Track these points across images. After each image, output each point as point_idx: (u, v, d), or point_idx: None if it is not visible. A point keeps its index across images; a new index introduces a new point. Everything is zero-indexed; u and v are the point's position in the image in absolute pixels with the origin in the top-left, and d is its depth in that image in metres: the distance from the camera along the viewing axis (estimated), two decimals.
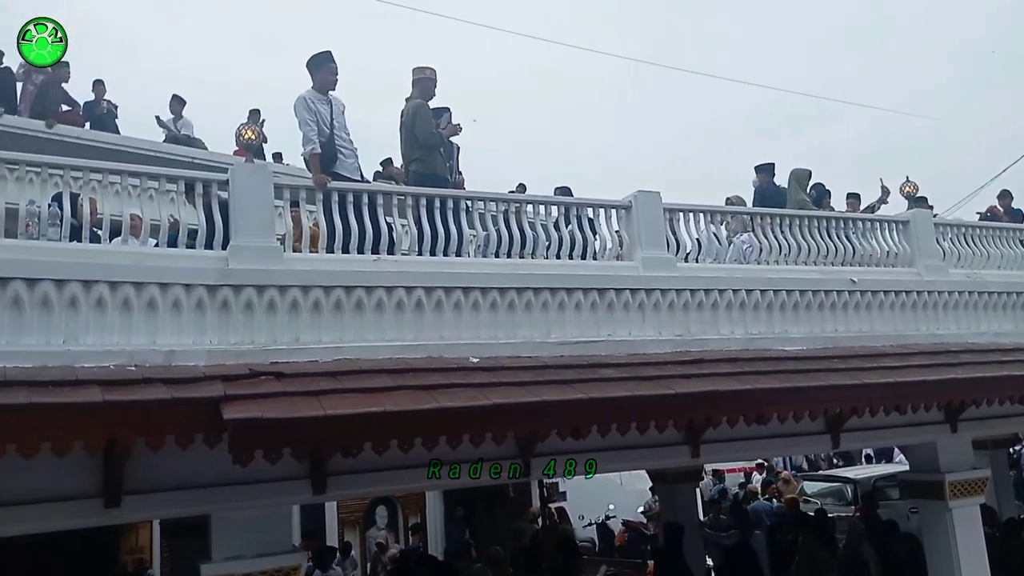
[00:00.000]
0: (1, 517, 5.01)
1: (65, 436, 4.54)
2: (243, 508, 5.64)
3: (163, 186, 6.09)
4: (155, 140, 11.81)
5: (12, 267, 5.14)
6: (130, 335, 5.39)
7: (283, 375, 5.41)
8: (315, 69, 6.99)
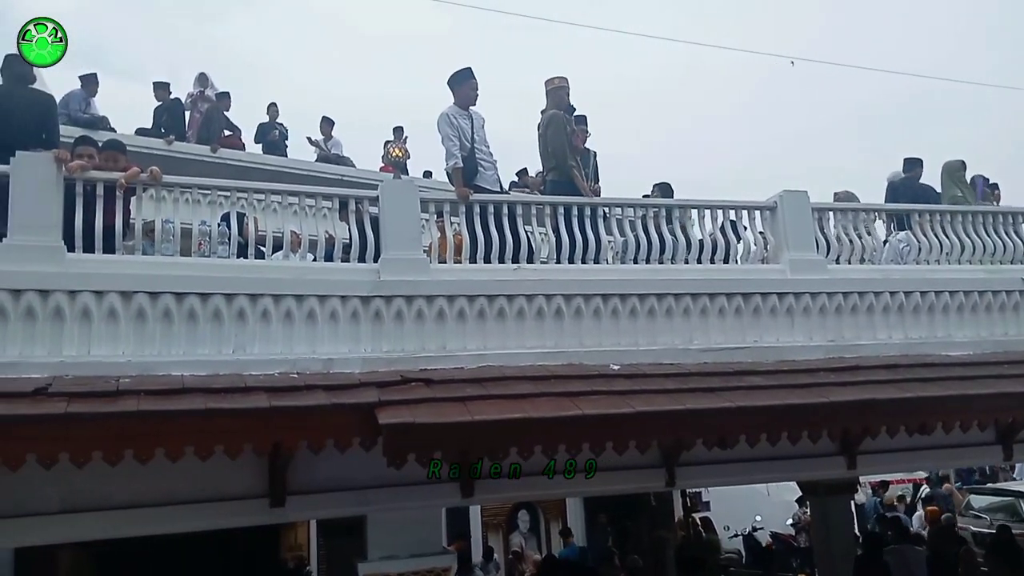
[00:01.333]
0: (179, 514, 5.45)
1: (236, 439, 4.89)
2: (396, 509, 5.88)
3: (319, 204, 6.45)
4: (307, 160, 12.53)
5: (188, 283, 5.58)
6: (292, 344, 5.74)
7: (432, 381, 5.60)
8: (456, 85, 7.22)
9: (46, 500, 5.10)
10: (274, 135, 12.50)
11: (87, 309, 5.26)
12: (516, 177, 13.66)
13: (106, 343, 5.28)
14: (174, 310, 5.48)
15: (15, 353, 5.06)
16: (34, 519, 5.16)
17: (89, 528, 5.40)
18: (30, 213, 5.30)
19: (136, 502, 5.28)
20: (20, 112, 6.27)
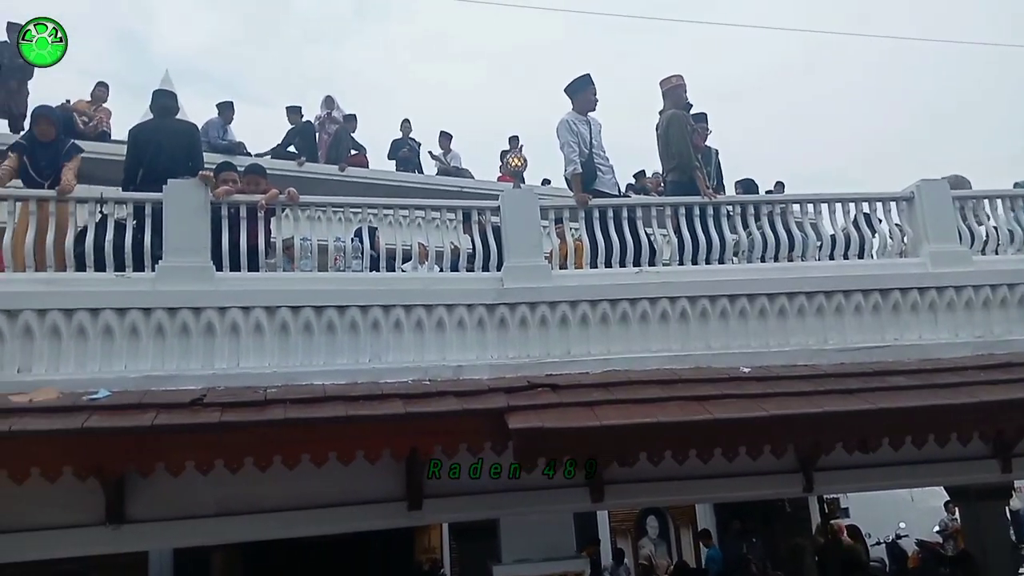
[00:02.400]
0: (322, 517, 5.72)
1: (376, 444, 5.10)
2: (528, 513, 5.96)
3: (443, 216, 6.64)
4: (429, 174, 12.88)
5: (326, 296, 5.86)
6: (423, 352, 5.92)
7: (558, 387, 5.65)
8: (575, 92, 7.27)
9: (203, 504, 5.46)
10: (405, 151, 12.93)
11: (235, 324, 5.61)
12: (633, 179, 13.56)
13: (253, 355, 5.61)
14: (314, 323, 5.77)
15: (172, 367, 5.45)
16: (192, 521, 5.54)
17: (241, 530, 5.75)
18: (182, 236, 5.70)
19: (284, 505, 5.58)
20: (168, 143, 6.75)
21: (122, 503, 5.30)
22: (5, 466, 4.51)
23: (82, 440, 4.56)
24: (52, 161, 6.09)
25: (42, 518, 5.15)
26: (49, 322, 5.27)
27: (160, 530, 5.51)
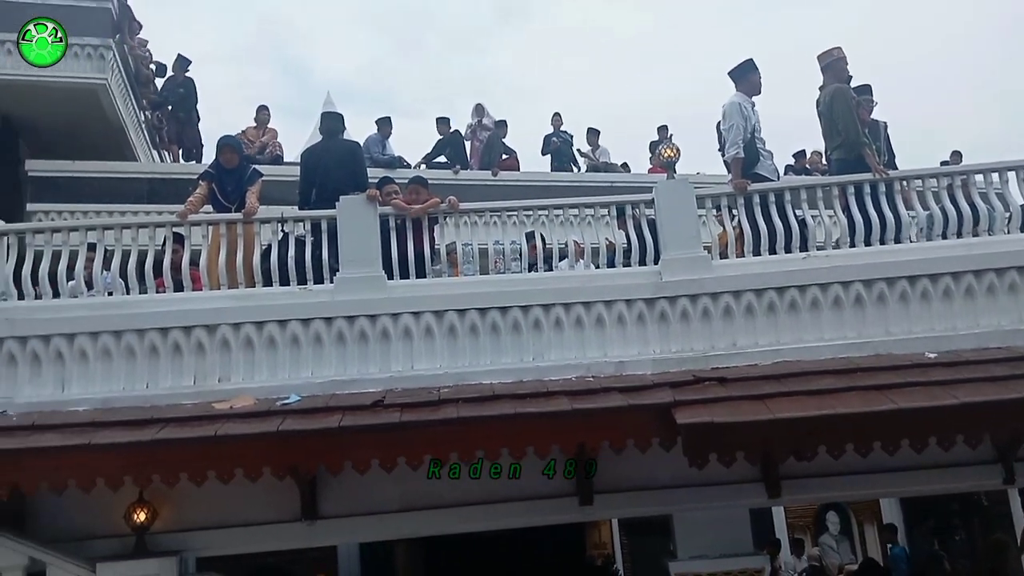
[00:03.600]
0: (498, 512, 5.90)
1: (545, 441, 5.20)
2: (700, 509, 5.87)
3: (597, 212, 6.66)
4: (579, 172, 12.95)
5: (489, 299, 6.03)
6: (585, 349, 5.97)
7: (726, 380, 5.53)
8: (740, 77, 7.14)
9: (387, 500, 5.78)
10: (555, 143, 13.10)
11: (408, 329, 5.89)
12: (793, 159, 13.01)
13: (426, 358, 5.87)
14: (479, 324, 5.96)
15: (354, 371, 5.80)
16: (378, 517, 5.88)
17: (423, 524, 6.04)
18: (355, 249, 6.06)
19: (461, 500, 5.81)
20: (336, 163, 7.19)
21: (315, 500, 5.70)
22: (214, 467, 4.96)
23: (278, 442, 4.96)
24: (237, 186, 6.65)
25: (246, 515, 5.63)
26: (243, 335, 5.75)
27: (349, 525, 5.89)
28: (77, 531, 5.45)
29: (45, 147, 10.51)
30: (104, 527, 5.41)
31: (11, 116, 10.34)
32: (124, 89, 10.85)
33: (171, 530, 5.50)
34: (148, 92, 12.13)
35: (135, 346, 5.63)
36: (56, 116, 10.26)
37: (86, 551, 5.29)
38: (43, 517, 5.48)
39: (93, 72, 9.87)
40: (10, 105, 10.14)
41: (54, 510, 5.43)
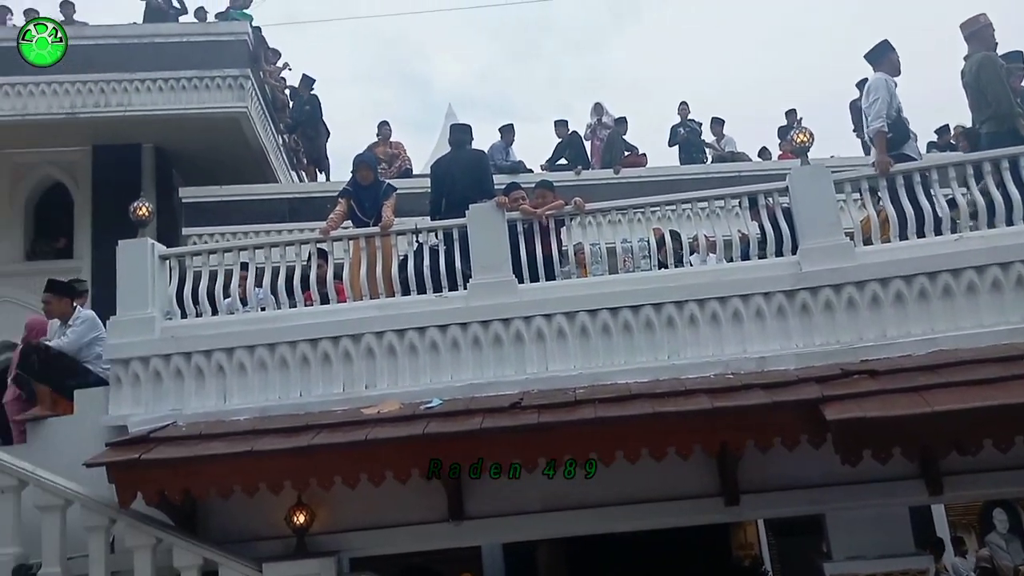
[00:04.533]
0: (640, 513, 5.84)
1: (686, 440, 5.12)
2: (855, 508, 5.62)
3: (727, 203, 6.50)
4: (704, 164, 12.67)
5: (619, 298, 5.99)
6: (723, 346, 5.84)
7: (877, 372, 5.27)
8: (878, 59, 6.91)
9: (530, 501, 5.85)
10: (682, 134, 12.90)
11: (541, 331, 5.95)
12: (936, 136, 12.25)
13: (559, 359, 5.91)
14: (611, 324, 5.94)
15: (491, 374, 5.91)
16: (521, 517, 5.95)
17: (564, 525, 6.06)
18: (486, 255, 6.17)
19: (602, 501, 5.80)
20: (464, 172, 7.37)
21: (461, 501, 5.84)
22: (365, 470, 5.18)
23: (425, 445, 5.12)
24: (373, 201, 6.93)
25: (396, 516, 5.83)
26: (386, 342, 5.98)
27: (493, 525, 5.99)
28: (243, 533, 5.80)
29: (195, 175, 11.30)
30: (267, 529, 5.74)
31: (164, 148, 11.19)
32: (263, 115, 11.51)
33: (328, 531, 5.76)
34: (284, 116, 12.83)
35: (288, 357, 5.96)
36: (203, 145, 11.01)
37: (252, 552, 5.62)
38: (212, 520, 5.88)
39: (234, 101, 10.53)
40: (163, 138, 10.98)
41: (222, 513, 5.82)
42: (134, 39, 10.75)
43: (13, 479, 5.37)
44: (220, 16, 11.99)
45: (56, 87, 10.29)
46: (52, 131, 10.55)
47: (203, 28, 11.26)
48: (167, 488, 5.21)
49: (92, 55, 10.48)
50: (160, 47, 10.67)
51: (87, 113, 10.30)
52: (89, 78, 10.31)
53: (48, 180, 11.23)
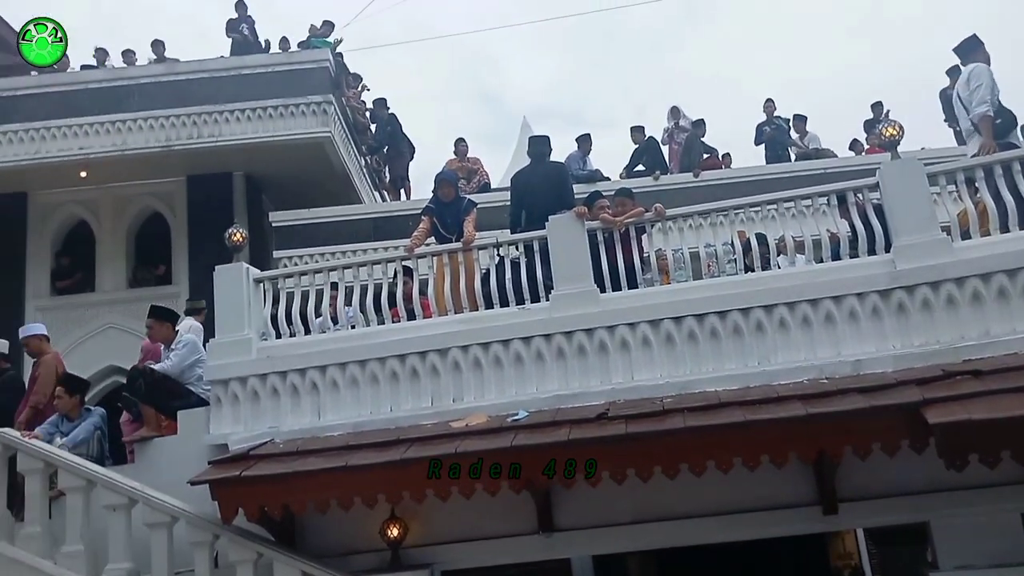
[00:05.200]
0: (733, 523, 5.73)
1: (780, 448, 5.00)
2: (962, 515, 5.36)
3: (815, 202, 6.33)
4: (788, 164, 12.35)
5: (705, 304, 5.89)
6: (815, 349, 5.68)
7: (981, 372, 5.03)
8: (967, 52, 6.79)
9: (620, 512, 5.80)
10: (768, 132, 12.64)
11: (625, 340, 5.91)
12: None
13: (645, 368, 5.86)
14: (697, 331, 5.85)
15: (576, 385, 5.90)
16: (611, 529, 5.90)
17: (655, 536, 5.99)
18: (567, 266, 6.18)
19: (695, 512, 5.70)
20: (543, 184, 7.38)
21: (550, 513, 5.84)
22: (455, 483, 5.24)
23: (513, 457, 5.15)
24: (455, 217, 7.03)
25: (487, 528, 5.88)
26: (471, 356, 6.05)
27: (583, 537, 5.97)
28: (339, 547, 5.94)
29: (283, 199, 11.72)
30: (362, 542, 5.87)
31: (253, 175, 11.66)
32: (345, 138, 11.86)
33: (421, 544, 5.86)
34: (366, 138, 13.17)
35: (378, 373, 6.09)
36: (290, 170, 11.43)
37: (348, 565, 5.74)
38: (310, 534, 6.04)
39: (318, 127, 10.90)
40: (252, 165, 11.45)
41: (319, 528, 5.98)
42: (222, 72, 11.25)
43: (124, 497, 5.65)
44: (302, 45, 12.41)
45: (152, 122, 10.87)
46: (149, 164, 11.14)
47: (286, 58, 11.67)
48: (267, 503, 5.40)
49: (184, 89, 11.05)
50: (247, 78, 11.12)
51: (181, 145, 10.84)
52: (182, 112, 10.85)
53: (147, 211, 11.85)
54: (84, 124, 10.84)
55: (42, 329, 7.47)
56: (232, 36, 12.63)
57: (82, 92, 11.06)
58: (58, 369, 7.01)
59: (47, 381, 6.75)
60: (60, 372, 6.98)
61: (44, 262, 11.56)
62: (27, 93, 11.03)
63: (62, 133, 10.84)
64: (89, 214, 11.75)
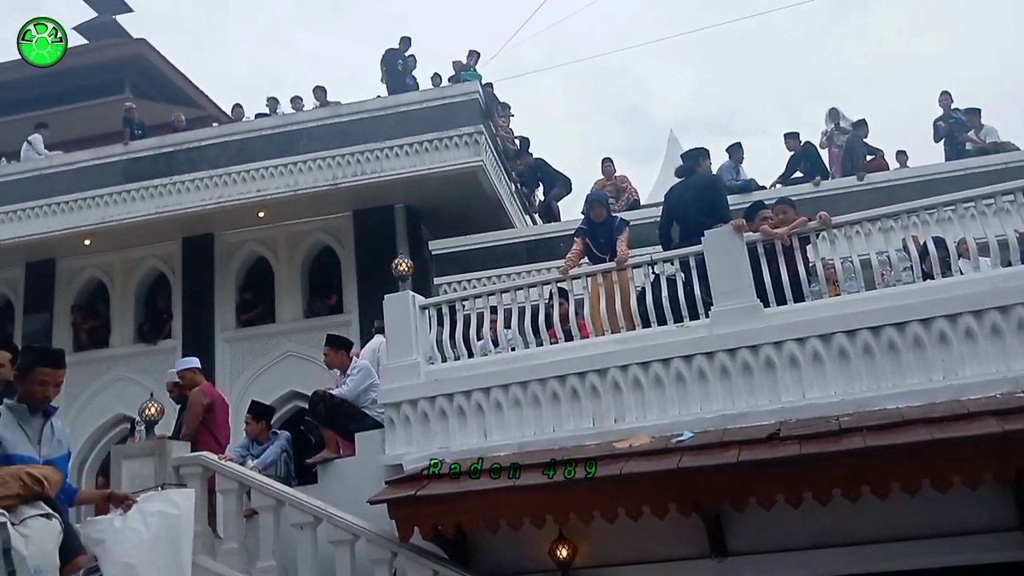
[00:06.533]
0: (921, 549, 5.32)
1: (974, 469, 4.65)
2: None
3: (999, 202, 5.87)
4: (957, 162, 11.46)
5: (879, 316, 5.58)
6: (1008, 361, 5.25)
7: None
8: None
9: (796, 536, 5.55)
10: (944, 127, 11.82)
11: (793, 356, 5.69)
12: None
13: (817, 385, 5.61)
14: (873, 344, 5.55)
15: (742, 404, 5.74)
16: (787, 554, 5.63)
17: (836, 562, 5.62)
18: (726, 281, 6.03)
19: (879, 537, 5.37)
20: (695, 198, 7.26)
21: (722, 537, 5.68)
22: (623, 505, 5.22)
23: (680, 479, 5.08)
24: (608, 237, 7.06)
25: (657, 551, 5.77)
26: (631, 376, 6.02)
27: (758, 562, 5.73)
28: (510, 566, 6.04)
29: (440, 227, 12.17)
30: (532, 562, 5.93)
31: (412, 206, 12.19)
32: (496, 165, 12.18)
33: (590, 565, 5.84)
34: (516, 164, 13.46)
35: (539, 394, 6.19)
36: (446, 199, 11.86)
37: None
38: (482, 553, 6.18)
39: (471, 156, 11.28)
40: (411, 197, 11.98)
41: (490, 546, 6.11)
42: (380, 111, 11.87)
43: (310, 516, 6.01)
44: (452, 79, 12.88)
45: (320, 162, 11.63)
46: (319, 201, 11.90)
47: (438, 93, 12.15)
48: (440, 522, 5.59)
49: (347, 130, 11.76)
50: (403, 115, 11.69)
51: (347, 182, 11.52)
52: (346, 151, 11.55)
53: (318, 245, 12.65)
54: (260, 168, 11.74)
55: (195, 363, 7.54)
56: (387, 69, 13.14)
57: (257, 139, 12.02)
58: (203, 401, 6.98)
59: (194, 414, 6.86)
60: (206, 403, 6.98)
61: (229, 297, 12.56)
62: (210, 143, 12.18)
63: (241, 177, 11.79)
64: (267, 251, 12.68)
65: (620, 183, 12.40)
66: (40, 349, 4.17)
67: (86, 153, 12.51)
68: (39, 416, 3.86)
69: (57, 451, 3.86)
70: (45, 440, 3.82)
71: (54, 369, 3.85)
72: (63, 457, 3.91)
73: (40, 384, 3.77)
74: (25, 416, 3.79)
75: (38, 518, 3.34)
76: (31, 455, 3.69)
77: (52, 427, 3.92)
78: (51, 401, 3.87)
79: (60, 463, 3.86)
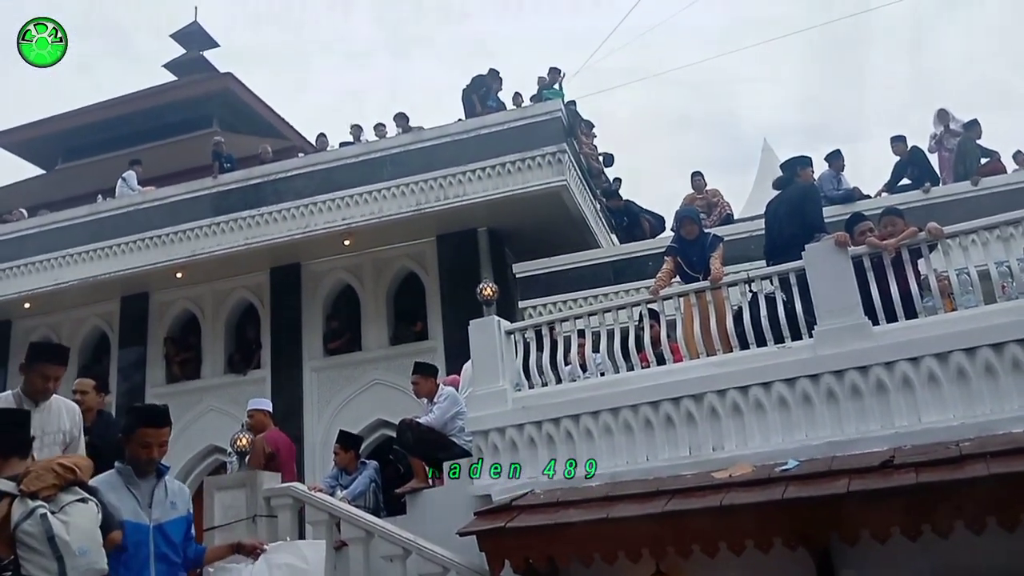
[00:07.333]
0: None
1: None
2: None
3: None
4: None
5: (1003, 332, 5.15)
6: None
7: None
8: None
9: (917, 572, 5.10)
10: None
11: (906, 378, 5.30)
12: None
13: (934, 408, 5.21)
14: (996, 363, 5.14)
15: (852, 430, 5.37)
16: None
17: None
18: (830, 298, 5.68)
19: (1008, 572, 4.88)
20: (788, 210, 6.92)
21: (831, 572, 5.28)
22: (724, 538, 4.91)
23: (785, 510, 4.74)
24: (700, 255, 6.77)
25: None
26: (729, 401, 5.72)
27: None
28: None
29: (524, 249, 12.04)
30: None
31: (495, 229, 12.10)
32: (580, 184, 11.99)
33: None
34: (600, 182, 13.23)
35: (631, 421, 5.95)
36: (530, 220, 11.71)
37: None
38: None
39: (554, 176, 11.09)
40: (494, 219, 11.89)
41: None
42: (462, 135, 11.85)
43: (399, 548, 5.91)
44: (534, 98, 12.79)
45: (403, 188, 11.68)
46: (403, 227, 11.95)
47: (520, 113, 12.04)
48: (531, 555, 5.40)
49: (429, 155, 11.77)
50: (485, 138, 11.64)
51: (431, 207, 11.51)
52: (429, 176, 11.56)
53: (403, 271, 12.70)
54: (345, 196, 11.86)
55: (267, 404, 7.45)
56: (465, 102, 13.15)
57: (341, 167, 12.17)
58: (265, 450, 6.76)
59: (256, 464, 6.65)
60: (268, 452, 6.76)
61: (317, 326, 12.71)
62: (296, 173, 12.37)
63: (327, 206, 11.94)
64: (353, 278, 12.80)
65: (711, 197, 12.01)
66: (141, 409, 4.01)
67: (177, 188, 12.91)
68: (151, 478, 3.72)
69: (171, 513, 3.71)
70: (157, 503, 3.68)
71: (156, 428, 3.70)
72: (180, 519, 3.76)
73: (143, 446, 3.66)
74: (133, 479, 3.67)
75: (76, 504, 3.31)
76: (140, 520, 3.59)
77: (166, 488, 3.77)
78: (156, 462, 3.72)
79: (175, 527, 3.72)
